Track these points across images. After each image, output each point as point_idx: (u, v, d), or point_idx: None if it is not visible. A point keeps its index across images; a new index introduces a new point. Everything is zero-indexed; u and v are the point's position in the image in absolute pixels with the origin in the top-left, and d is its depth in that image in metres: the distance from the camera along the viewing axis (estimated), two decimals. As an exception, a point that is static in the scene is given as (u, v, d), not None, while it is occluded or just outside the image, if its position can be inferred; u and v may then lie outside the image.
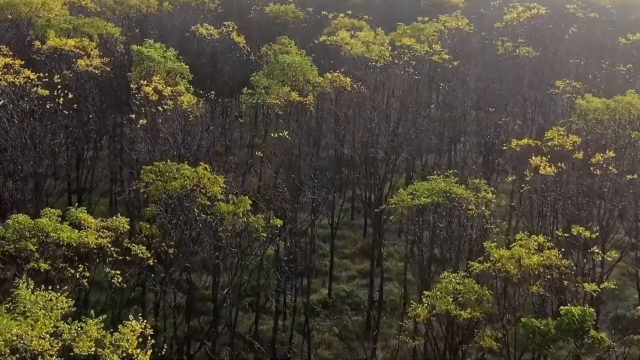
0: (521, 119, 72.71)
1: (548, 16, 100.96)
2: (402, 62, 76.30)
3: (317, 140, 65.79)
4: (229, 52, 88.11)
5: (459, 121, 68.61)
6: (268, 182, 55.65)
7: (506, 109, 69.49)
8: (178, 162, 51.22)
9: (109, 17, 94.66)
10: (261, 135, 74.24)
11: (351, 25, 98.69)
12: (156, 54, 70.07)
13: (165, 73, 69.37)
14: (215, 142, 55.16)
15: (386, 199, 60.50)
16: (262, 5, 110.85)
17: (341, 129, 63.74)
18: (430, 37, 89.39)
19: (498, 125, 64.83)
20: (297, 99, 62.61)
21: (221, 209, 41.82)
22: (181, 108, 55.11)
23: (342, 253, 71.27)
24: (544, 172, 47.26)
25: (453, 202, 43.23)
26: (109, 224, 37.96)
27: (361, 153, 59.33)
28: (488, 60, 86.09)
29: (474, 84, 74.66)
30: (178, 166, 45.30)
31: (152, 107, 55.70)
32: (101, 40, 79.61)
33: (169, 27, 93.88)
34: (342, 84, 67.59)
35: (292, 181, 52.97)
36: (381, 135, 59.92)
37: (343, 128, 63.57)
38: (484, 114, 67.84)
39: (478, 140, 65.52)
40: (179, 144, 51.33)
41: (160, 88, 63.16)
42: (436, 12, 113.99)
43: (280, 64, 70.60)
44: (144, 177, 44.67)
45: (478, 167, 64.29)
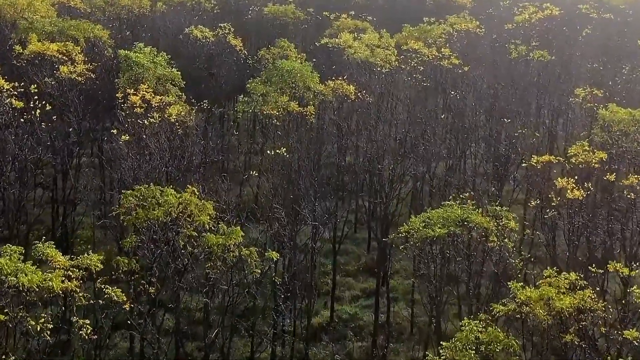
0: (538, 130, 67.52)
1: (560, 17, 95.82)
2: (409, 68, 71.26)
3: (319, 150, 60.78)
4: (225, 55, 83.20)
5: (470, 131, 63.60)
6: (264, 203, 50.71)
7: (521, 118, 64.43)
8: (166, 182, 46.53)
9: (99, 18, 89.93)
10: (258, 147, 69.87)
11: (354, 26, 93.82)
12: (145, 59, 65.20)
13: (155, 80, 64.72)
14: (207, 158, 50.00)
15: (393, 213, 56.00)
16: (260, 6, 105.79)
17: (344, 142, 58.70)
18: (437, 39, 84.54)
19: (513, 137, 59.75)
20: (297, 110, 57.73)
21: (210, 241, 36.94)
22: (169, 121, 50.10)
23: (345, 270, 66.47)
24: (572, 196, 42.20)
25: (471, 231, 38.23)
26: (80, 262, 33.04)
27: (366, 169, 54.37)
28: (499, 64, 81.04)
29: (486, 90, 69.59)
30: (162, 189, 40.42)
31: (138, 119, 50.70)
32: (88, 44, 74.84)
33: (162, 29, 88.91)
34: (345, 92, 62.61)
35: (290, 200, 48.29)
36: (387, 149, 54.97)
37: (346, 140, 58.52)
38: (496, 122, 62.76)
39: (490, 152, 60.41)
40: (167, 162, 46.36)
41: (148, 97, 58.48)
42: (443, 12, 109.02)
43: (279, 70, 65.74)
44: (124, 202, 39.79)
45: (490, 183, 59.24)
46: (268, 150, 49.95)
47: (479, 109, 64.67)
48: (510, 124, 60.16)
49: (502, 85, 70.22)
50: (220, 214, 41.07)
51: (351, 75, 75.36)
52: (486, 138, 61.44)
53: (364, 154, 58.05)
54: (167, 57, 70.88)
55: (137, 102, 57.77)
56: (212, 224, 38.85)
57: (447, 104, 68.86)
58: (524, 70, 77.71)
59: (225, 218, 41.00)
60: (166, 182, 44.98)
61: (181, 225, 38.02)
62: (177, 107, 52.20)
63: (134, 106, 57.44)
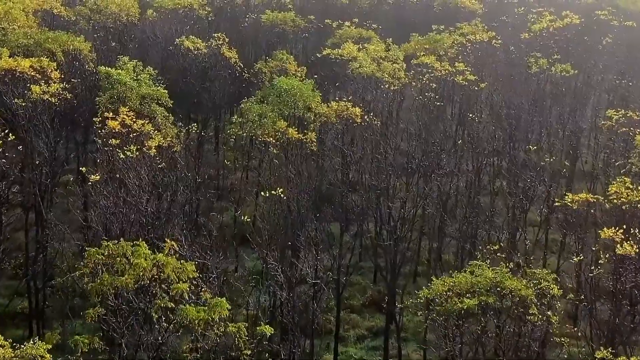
0: (566, 157, 60.58)
1: (579, 25, 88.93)
2: (420, 85, 64.46)
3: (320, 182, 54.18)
4: (219, 68, 76.55)
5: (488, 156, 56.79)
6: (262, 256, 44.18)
7: (545, 142, 57.70)
8: (142, 232, 39.80)
9: (83, 28, 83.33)
10: (255, 163, 63.45)
11: (358, 35, 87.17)
12: (127, 76, 58.61)
13: (139, 99, 58.21)
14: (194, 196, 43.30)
15: (402, 238, 49.49)
16: (258, 13, 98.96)
17: (349, 171, 52.09)
18: (449, 51, 77.90)
19: (538, 165, 52.94)
20: (296, 136, 51.08)
21: (189, 315, 30.25)
22: (150, 154, 43.40)
23: (349, 305, 60.40)
24: (622, 251, 35.38)
25: (504, 299, 31.53)
26: (25, 353, 26.39)
27: (374, 208, 47.87)
28: (516, 78, 74.23)
29: (505, 110, 62.74)
30: (136, 244, 33.77)
31: (114, 152, 44.04)
32: (68, 58, 68.20)
33: (151, 39, 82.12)
34: (350, 115, 55.88)
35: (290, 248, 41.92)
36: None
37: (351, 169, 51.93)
38: (520, 149, 55.97)
39: (513, 183, 53.57)
40: (144, 205, 39.64)
41: (128, 122, 51.85)
42: (452, 19, 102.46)
43: (276, 89, 59.13)
44: (87, 261, 33.14)
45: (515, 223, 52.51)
46: (262, 192, 43.25)
47: (498, 132, 57.76)
48: (535, 151, 53.31)
49: (522, 105, 63.20)
50: (204, 274, 34.49)
51: (356, 91, 69.10)
52: (509, 168, 54.59)
53: (371, 171, 51.50)
54: (154, 73, 64.75)
55: (116, 127, 51.28)
56: (193, 289, 32.22)
57: (463, 128, 62.10)
58: (544, 85, 70.74)
59: (210, 278, 34.42)
60: (142, 233, 38.22)
61: (155, 293, 31.35)
62: (158, 138, 45.38)
63: (113, 132, 51.02)
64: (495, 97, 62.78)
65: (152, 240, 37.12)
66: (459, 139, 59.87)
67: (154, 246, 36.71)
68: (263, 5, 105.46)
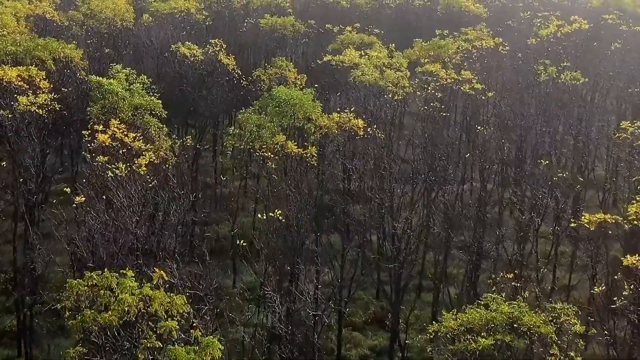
0: (579, 172, 57.77)
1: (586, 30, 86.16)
2: (424, 94, 61.77)
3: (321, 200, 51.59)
4: (217, 75, 73.93)
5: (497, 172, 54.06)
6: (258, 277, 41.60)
7: (557, 156, 55.03)
8: (129, 257, 37.13)
9: (76, 33, 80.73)
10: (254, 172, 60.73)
11: (360, 40, 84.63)
12: (119, 86, 55.97)
13: (132, 110, 55.65)
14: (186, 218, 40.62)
15: (406, 250, 46.91)
16: (256, 17, 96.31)
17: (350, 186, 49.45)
18: (454, 57, 75.27)
19: (550, 180, 50.21)
20: (296, 151, 48.44)
21: (178, 357, 27.61)
22: (140, 171, 40.76)
23: (351, 322, 57.40)
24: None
25: (522, 337, 28.89)
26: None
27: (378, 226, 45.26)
28: (524, 86, 71.52)
29: (513, 120, 59.99)
30: (122, 274, 31.14)
31: (102, 169, 41.39)
32: (59, 66, 65.62)
33: (147, 45, 79.46)
34: (353, 127, 53.20)
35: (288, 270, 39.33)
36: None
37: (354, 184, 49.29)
38: (529, 162, 53.28)
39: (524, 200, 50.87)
40: (133, 233, 36.98)
41: (119, 136, 49.22)
42: (455, 23, 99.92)
43: (275, 99, 56.49)
44: (68, 294, 30.50)
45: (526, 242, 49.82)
46: (259, 214, 40.62)
47: (507, 144, 55.04)
48: (547, 165, 50.58)
49: (530, 114, 60.42)
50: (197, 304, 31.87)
51: (357, 99, 66.48)
52: (517, 181, 51.90)
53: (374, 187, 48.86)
54: (147, 81, 62.14)
55: (106, 141, 48.66)
56: (183, 324, 29.58)
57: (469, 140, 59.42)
58: (554, 94, 68.03)
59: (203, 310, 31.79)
60: (130, 258, 35.58)
61: (142, 330, 28.71)
62: (149, 155, 42.72)
63: (102, 146, 48.40)
64: (503, 107, 59.92)
65: (141, 268, 34.45)
66: (467, 153, 57.14)
67: (142, 274, 34.13)
68: (262, 9, 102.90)
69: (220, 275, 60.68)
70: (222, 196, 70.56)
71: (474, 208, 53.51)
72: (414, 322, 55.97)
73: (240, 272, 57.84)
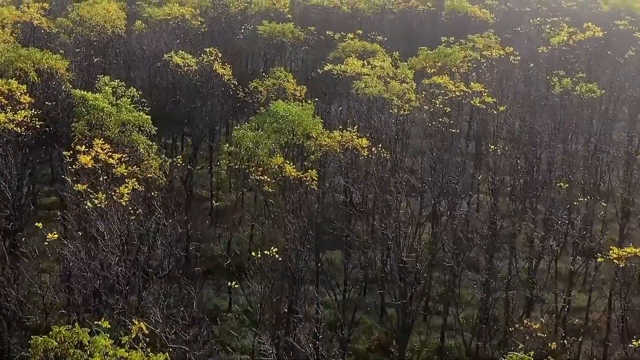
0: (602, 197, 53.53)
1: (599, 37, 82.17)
2: (432, 108, 57.80)
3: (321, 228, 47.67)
4: (212, 86, 70.04)
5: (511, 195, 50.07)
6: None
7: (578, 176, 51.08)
8: (108, 302, 33.19)
9: (65, 42, 76.71)
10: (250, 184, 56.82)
11: (362, 48, 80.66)
12: (105, 102, 52.06)
13: (119, 126, 51.82)
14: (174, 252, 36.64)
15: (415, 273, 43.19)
16: (254, 24, 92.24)
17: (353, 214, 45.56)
18: (461, 67, 71.32)
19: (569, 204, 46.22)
20: (294, 174, 44.50)
21: None
22: (122, 202, 36.82)
23: (354, 349, 53.72)
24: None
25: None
26: None
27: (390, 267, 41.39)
28: (536, 98, 67.57)
29: (526, 136, 55.98)
30: (95, 329, 27.28)
31: (81, 201, 37.46)
32: (43, 78, 61.73)
33: (138, 54, 75.45)
34: (356, 146, 49.23)
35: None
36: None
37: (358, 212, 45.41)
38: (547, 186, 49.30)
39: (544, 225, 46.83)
40: (113, 272, 33.02)
41: (102, 157, 45.33)
42: (461, 29, 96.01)
43: (273, 115, 52.59)
44: (34, 352, 26.65)
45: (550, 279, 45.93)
46: (254, 253, 36.60)
47: (520, 163, 51.03)
48: (567, 189, 46.55)
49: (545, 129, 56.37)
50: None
51: (360, 112, 62.65)
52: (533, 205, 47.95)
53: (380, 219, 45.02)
54: (137, 94, 58.34)
55: (89, 163, 44.78)
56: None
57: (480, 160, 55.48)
58: (570, 107, 64.08)
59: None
60: (109, 302, 31.66)
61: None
62: (132, 183, 38.73)
63: (85, 168, 44.53)
64: (515, 122, 55.92)
65: (120, 316, 30.56)
66: (479, 174, 53.16)
67: (121, 324, 30.27)
68: (260, 15, 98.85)
69: (214, 295, 57.28)
70: (217, 210, 67.13)
71: (484, 228, 49.94)
72: (421, 349, 52.35)
73: (236, 291, 53.93)
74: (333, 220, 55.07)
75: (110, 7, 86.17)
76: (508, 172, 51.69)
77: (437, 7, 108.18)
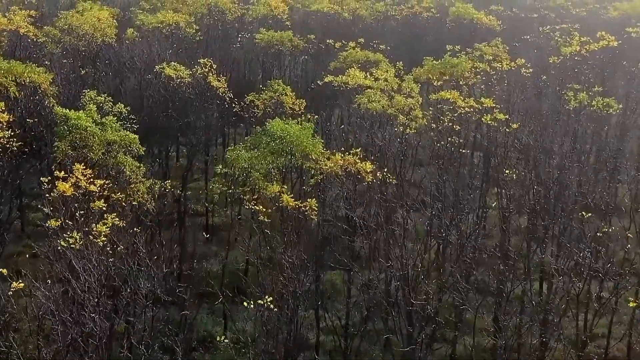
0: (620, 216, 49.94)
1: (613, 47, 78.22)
2: (440, 127, 54.02)
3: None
4: (205, 99, 66.30)
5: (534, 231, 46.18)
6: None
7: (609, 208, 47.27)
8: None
9: (52, 52, 72.95)
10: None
11: (365, 58, 76.85)
12: (88, 121, 48.28)
13: (104, 147, 48.16)
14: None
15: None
16: (252, 32, 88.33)
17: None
18: (469, 78, 67.53)
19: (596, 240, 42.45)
20: (292, 204, 40.73)
21: None
22: (99, 240, 33.00)
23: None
24: None
25: None
26: None
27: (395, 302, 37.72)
28: (549, 112, 63.76)
29: (542, 156, 52.22)
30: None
31: (53, 238, 33.69)
32: (26, 92, 58.01)
33: (129, 65, 71.61)
34: (359, 171, 45.44)
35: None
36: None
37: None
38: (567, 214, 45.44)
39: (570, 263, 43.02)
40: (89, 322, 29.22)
41: (83, 184, 41.55)
42: (467, 37, 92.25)
43: (269, 135, 48.85)
44: None
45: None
46: (245, 303, 32.77)
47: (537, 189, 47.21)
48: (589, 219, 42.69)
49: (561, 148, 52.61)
50: None
51: (361, 128, 59.04)
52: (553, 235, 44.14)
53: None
54: (125, 111, 54.81)
55: (68, 191, 40.98)
56: None
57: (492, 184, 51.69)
58: (584, 122, 60.32)
59: None
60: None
61: None
62: (111, 219, 34.92)
63: (63, 197, 40.74)
64: (530, 142, 52.09)
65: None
66: (492, 201, 49.34)
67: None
68: (258, 22, 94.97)
69: (209, 321, 53.54)
70: (213, 226, 63.51)
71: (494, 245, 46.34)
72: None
73: (232, 316, 50.11)
74: (334, 238, 51.57)
75: (101, 14, 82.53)
76: (522, 196, 47.91)
77: (442, 13, 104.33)
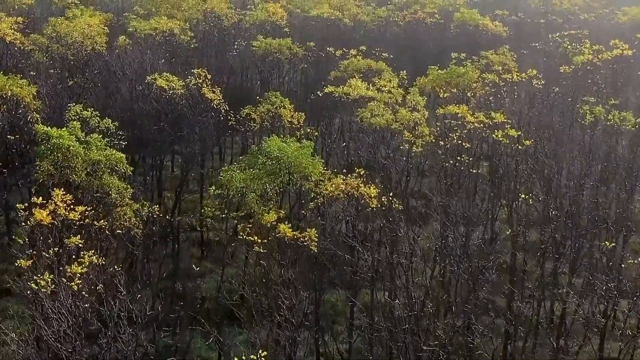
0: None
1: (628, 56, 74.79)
2: (449, 144, 50.56)
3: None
4: (199, 112, 62.84)
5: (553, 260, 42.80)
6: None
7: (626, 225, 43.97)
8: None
9: (39, 61, 69.37)
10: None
11: (366, 67, 73.38)
12: (72, 140, 44.85)
13: (89, 167, 44.86)
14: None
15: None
16: (249, 39, 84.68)
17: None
18: (477, 90, 64.08)
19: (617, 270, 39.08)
20: (290, 235, 37.29)
21: None
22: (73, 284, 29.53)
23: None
24: None
25: None
26: None
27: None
28: (562, 127, 60.35)
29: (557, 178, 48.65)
30: None
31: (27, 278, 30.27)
32: (9, 105, 54.59)
33: (119, 75, 67.95)
34: (362, 195, 41.95)
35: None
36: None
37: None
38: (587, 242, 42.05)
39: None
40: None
41: (63, 212, 38.17)
42: (472, 44, 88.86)
43: (266, 154, 45.43)
44: None
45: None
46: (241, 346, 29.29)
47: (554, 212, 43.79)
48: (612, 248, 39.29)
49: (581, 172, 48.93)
50: None
51: (363, 143, 55.76)
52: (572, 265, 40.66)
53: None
54: (113, 126, 51.50)
55: (45, 220, 37.63)
56: None
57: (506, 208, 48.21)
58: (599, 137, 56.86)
59: None
60: None
61: None
62: (88, 257, 31.43)
63: (41, 227, 37.39)
64: (546, 161, 48.63)
65: None
66: (508, 229, 45.83)
67: None
68: (256, 28, 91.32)
69: (203, 347, 50.11)
70: (208, 241, 60.15)
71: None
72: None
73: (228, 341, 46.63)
74: (335, 260, 48.33)
75: (92, 20, 78.99)
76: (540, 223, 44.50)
77: (446, 19, 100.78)
